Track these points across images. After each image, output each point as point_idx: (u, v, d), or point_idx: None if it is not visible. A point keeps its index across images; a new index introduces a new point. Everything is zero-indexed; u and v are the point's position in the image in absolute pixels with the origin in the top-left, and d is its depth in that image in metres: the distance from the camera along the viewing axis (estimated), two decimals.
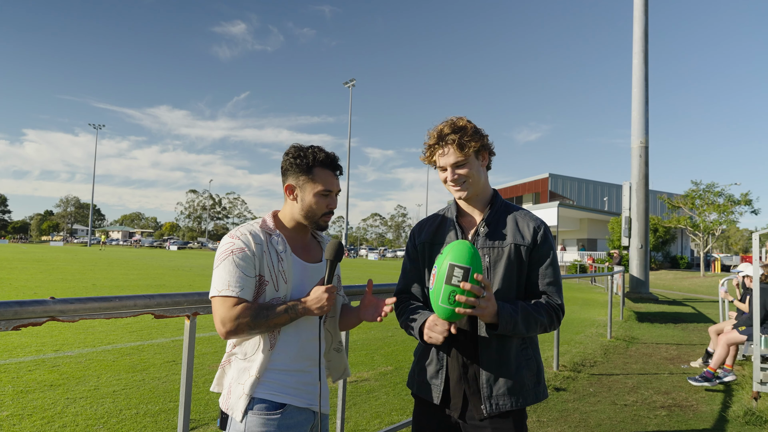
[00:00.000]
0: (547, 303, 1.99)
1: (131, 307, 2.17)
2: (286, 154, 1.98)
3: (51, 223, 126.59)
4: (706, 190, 35.67)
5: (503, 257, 1.98)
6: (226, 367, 1.94)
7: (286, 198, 1.99)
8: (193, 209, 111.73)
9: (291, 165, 1.95)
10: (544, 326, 1.96)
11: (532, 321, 1.91)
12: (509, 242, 1.99)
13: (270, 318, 1.80)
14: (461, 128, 1.99)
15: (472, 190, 2.03)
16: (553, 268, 2.02)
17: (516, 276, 1.99)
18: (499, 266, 1.98)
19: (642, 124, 16.87)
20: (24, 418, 4.18)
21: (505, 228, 2.02)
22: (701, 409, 5.19)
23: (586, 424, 4.65)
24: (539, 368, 2.07)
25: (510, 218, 2.05)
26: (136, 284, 16.35)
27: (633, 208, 17.13)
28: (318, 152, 1.95)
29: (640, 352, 8.10)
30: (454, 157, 1.99)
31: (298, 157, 1.94)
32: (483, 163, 2.06)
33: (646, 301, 16.01)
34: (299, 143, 1.99)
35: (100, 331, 7.99)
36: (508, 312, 1.86)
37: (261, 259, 1.85)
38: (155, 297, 2.25)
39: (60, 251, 47.90)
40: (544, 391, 2.07)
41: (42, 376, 5.40)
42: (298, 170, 1.94)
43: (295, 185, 1.96)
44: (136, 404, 4.64)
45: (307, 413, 1.92)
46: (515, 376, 1.96)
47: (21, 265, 23.02)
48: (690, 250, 47.61)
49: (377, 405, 4.90)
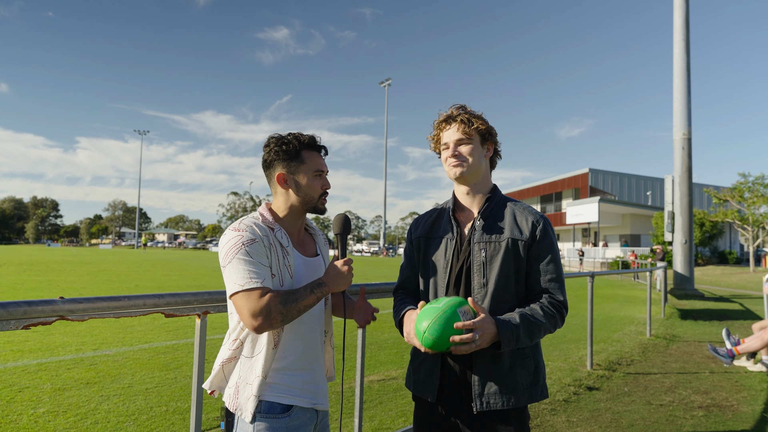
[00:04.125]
0: (549, 302, 1.93)
1: (141, 307, 2.20)
2: (266, 146, 1.95)
3: (100, 226, 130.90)
4: (756, 182, 34.27)
5: (500, 252, 1.92)
6: (227, 366, 1.91)
7: (278, 189, 1.95)
8: (235, 211, 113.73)
9: (277, 154, 1.91)
10: (548, 329, 1.91)
11: (535, 329, 1.86)
12: (506, 237, 1.94)
13: (300, 300, 1.78)
14: (469, 111, 2.03)
15: (468, 171, 1.99)
16: (554, 264, 1.95)
17: (513, 272, 1.93)
18: (496, 261, 1.92)
19: (684, 115, 16.30)
20: (59, 415, 4.32)
21: (503, 222, 1.97)
22: (742, 410, 4.97)
23: (618, 425, 4.52)
24: (537, 367, 1.99)
25: (508, 212, 2.00)
26: (178, 285, 16.74)
27: (676, 202, 16.58)
28: (300, 136, 1.93)
29: (681, 351, 7.83)
30: (459, 133, 2.01)
31: (283, 144, 1.91)
32: (487, 154, 2.05)
33: (691, 297, 15.46)
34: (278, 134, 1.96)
35: (138, 330, 8.22)
36: (508, 329, 1.80)
37: (269, 251, 1.83)
38: (164, 296, 2.27)
39: (107, 254, 49.54)
40: (542, 391, 1.99)
41: (79, 374, 5.58)
42: (286, 157, 1.91)
43: (286, 173, 1.93)
44: (167, 402, 4.75)
45: (311, 412, 1.93)
46: (508, 375, 1.90)
47: (70, 268, 23.90)
48: (739, 245, 45.81)
49: (404, 403, 4.87)
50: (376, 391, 5.28)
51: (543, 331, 1.89)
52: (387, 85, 71.93)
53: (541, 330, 1.88)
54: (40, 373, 5.61)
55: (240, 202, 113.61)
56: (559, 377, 5.94)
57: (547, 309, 1.90)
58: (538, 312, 1.88)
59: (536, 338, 1.88)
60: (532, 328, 1.84)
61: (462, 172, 1.99)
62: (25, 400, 4.68)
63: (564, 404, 5.02)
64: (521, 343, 1.83)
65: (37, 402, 4.63)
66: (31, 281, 16.29)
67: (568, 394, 5.32)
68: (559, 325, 1.94)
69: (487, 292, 1.91)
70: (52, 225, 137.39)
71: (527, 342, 1.85)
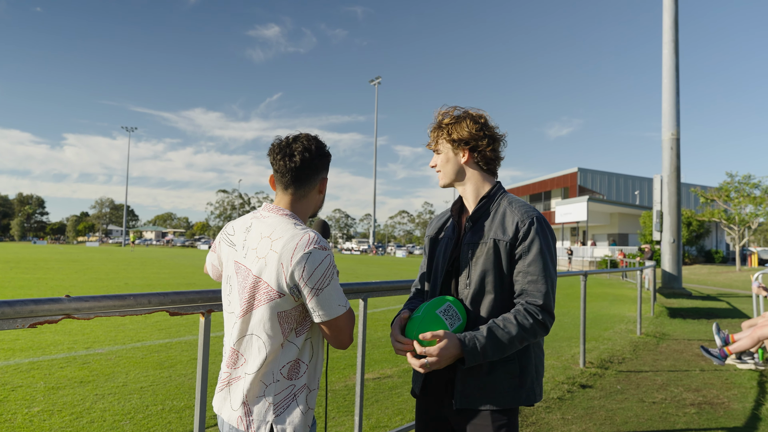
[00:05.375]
0: (525, 309, 1.80)
1: (146, 305, 2.19)
2: (307, 149, 1.81)
3: (87, 224, 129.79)
4: (742, 182, 34.67)
5: (482, 254, 1.89)
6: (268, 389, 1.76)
7: (314, 195, 1.90)
8: (223, 209, 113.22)
9: (325, 158, 1.87)
10: (523, 339, 1.79)
11: (504, 343, 1.77)
12: (490, 237, 1.90)
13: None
14: (443, 119, 2.04)
15: (445, 180, 2.05)
16: (537, 265, 1.83)
17: (496, 274, 1.87)
18: (479, 263, 1.90)
19: (673, 116, 16.47)
20: (54, 414, 4.29)
21: (492, 222, 1.94)
22: (733, 407, 5.05)
23: (612, 422, 4.57)
24: (523, 371, 1.89)
25: (499, 212, 1.95)
26: (167, 283, 16.65)
27: (664, 201, 16.75)
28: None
29: (671, 349, 7.92)
30: (432, 145, 2.08)
31: (325, 148, 1.89)
32: (464, 160, 2.01)
33: (679, 296, 15.64)
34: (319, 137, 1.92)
35: (130, 329, 8.17)
36: (471, 346, 1.75)
37: None
38: (170, 294, 2.27)
39: (95, 251, 49.10)
40: (529, 395, 1.90)
41: (73, 373, 5.54)
42: (328, 162, 1.90)
43: (326, 177, 1.92)
44: (162, 400, 4.73)
45: None
46: (488, 376, 1.86)
47: (57, 266, 23.68)
48: (725, 244, 46.36)
49: (399, 402, 4.89)
50: (371, 389, 5.29)
51: (515, 342, 1.78)
52: (377, 83, 71.94)
53: (513, 341, 1.77)
54: (33, 371, 5.56)
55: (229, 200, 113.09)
56: (552, 375, 5.99)
57: (521, 317, 1.79)
58: (511, 322, 1.78)
59: (508, 350, 1.79)
60: (499, 342, 1.76)
61: (440, 182, 2.06)
62: (19, 399, 4.64)
63: (558, 402, 5.06)
64: (489, 357, 1.77)
65: (31, 401, 4.59)
66: (19, 279, 16.12)
67: (562, 392, 5.37)
68: (540, 332, 1.81)
69: (469, 294, 1.90)
70: (37, 222, 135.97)
71: (498, 355, 1.78)
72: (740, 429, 4.48)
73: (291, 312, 1.72)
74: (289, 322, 1.73)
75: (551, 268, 1.86)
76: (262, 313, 1.71)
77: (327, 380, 1.93)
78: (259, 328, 1.72)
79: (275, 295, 1.69)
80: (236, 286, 1.79)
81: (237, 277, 1.79)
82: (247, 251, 1.78)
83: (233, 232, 1.88)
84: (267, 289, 1.70)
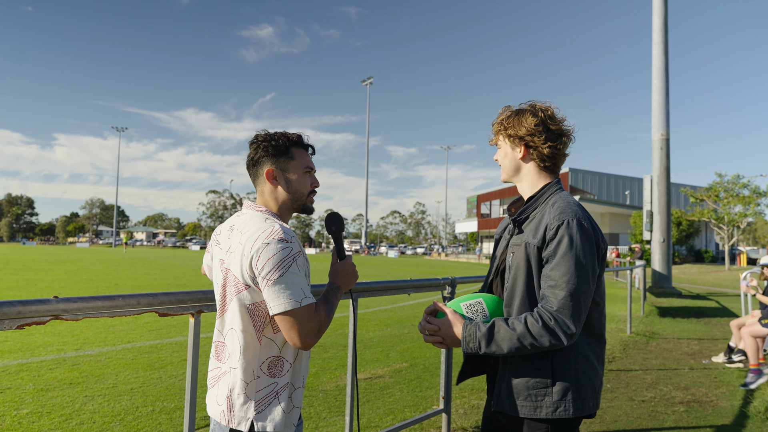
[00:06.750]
0: (538, 312, 1.73)
1: (135, 306, 2.18)
2: (253, 142, 1.89)
3: (77, 224, 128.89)
4: (731, 182, 34.97)
5: (518, 257, 1.87)
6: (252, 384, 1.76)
7: (266, 187, 1.88)
8: (215, 209, 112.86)
9: (266, 149, 1.86)
10: (527, 340, 1.71)
11: (506, 338, 1.72)
12: (524, 241, 1.87)
13: (330, 305, 1.79)
14: (503, 115, 2.03)
15: (503, 176, 2.06)
16: (559, 269, 1.73)
17: (525, 279, 1.83)
18: (513, 267, 1.88)
19: (663, 116, 16.58)
20: (43, 416, 4.26)
21: (530, 224, 1.90)
22: (721, 405, 5.09)
23: (602, 420, 4.60)
24: (558, 382, 1.79)
25: (539, 214, 1.88)
26: (158, 284, 16.57)
27: (654, 201, 16.86)
28: (289, 134, 1.91)
29: (661, 348, 7.98)
30: (494, 140, 2.10)
31: (272, 140, 1.87)
32: (521, 156, 1.97)
33: (669, 295, 15.75)
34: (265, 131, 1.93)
35: (120, 330, 8.12)
36: (470, 331, 1.78)
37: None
38: (158, 295, 2.26)
39: (85, 252, 48.78)
40: (567, 407, 1.79)
41: (62, 375, 5.50)
42: (276, 153, 1.86)
43: (275, 168, 1.87)
44: (153, 401, 4.71)
45: None
46: (518, 382, 1.84)
47: (47, 267, 23.50)
48: (715, 244, 46.75)
49: (391, 401, 4.90)
50: (362, 389, 5.29)
51: (518, 341, 1.71)
52: (369, 83, 71.90)
53: (515, 340, 1.71)
54: (22, 373, 5.52)
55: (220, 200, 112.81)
56: None
57: (531, 320, 1.72)
58: (519, 321, 1.73)
59: (511, 349, 1.73)
60: (499, 337, 1.73)
61: (501, 176, 2.07)
62: (8, 401, 4.61)
63: None
64: (486, 349, 1.75)
65: (20, 403, 4.56)
66: (8, 280, 15.99)
67: None
68: (551, 339, 1.70)
69: (505, 296, 1.90)
70: (27, 223, 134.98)
71: (497, 350, 1.74)
72: (728, 427, 4.52)
73: (260, 305, 1.73)
74: (260, 315, 1.74)
75: (575, 273, 1.72)
76: (233, 307, 1.76)
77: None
78: (235, 321, 1.76)
79: (242, 287, 1.73)
80: (218, 281, 1.87)
81: (219, 273, 1.85)
82: (227, 248, 1.83)
83: (220, 232, 1.93)
84: (234, 281, 1.75)
